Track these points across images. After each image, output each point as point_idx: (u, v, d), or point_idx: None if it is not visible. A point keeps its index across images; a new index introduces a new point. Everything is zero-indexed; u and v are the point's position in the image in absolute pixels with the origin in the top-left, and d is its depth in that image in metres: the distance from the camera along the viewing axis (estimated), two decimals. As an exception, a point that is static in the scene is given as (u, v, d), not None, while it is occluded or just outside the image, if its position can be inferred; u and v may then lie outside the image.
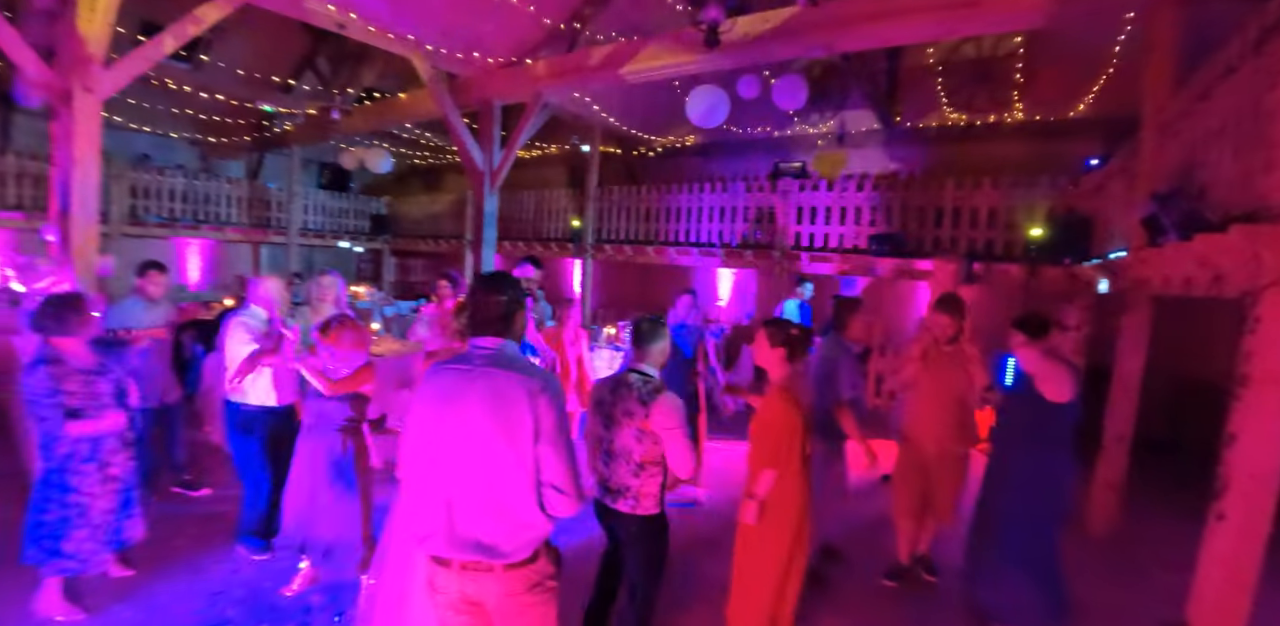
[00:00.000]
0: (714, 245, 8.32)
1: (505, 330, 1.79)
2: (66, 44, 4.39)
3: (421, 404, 1.77)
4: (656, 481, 2.45)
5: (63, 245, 4.20)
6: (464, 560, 1.69)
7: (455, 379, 1.73)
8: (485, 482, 1.67)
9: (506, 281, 1.84)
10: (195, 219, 10.74)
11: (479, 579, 1.69)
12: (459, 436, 1.68)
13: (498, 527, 1.67)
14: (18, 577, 2.91)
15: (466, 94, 7.58)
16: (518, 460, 1.66)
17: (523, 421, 1.65)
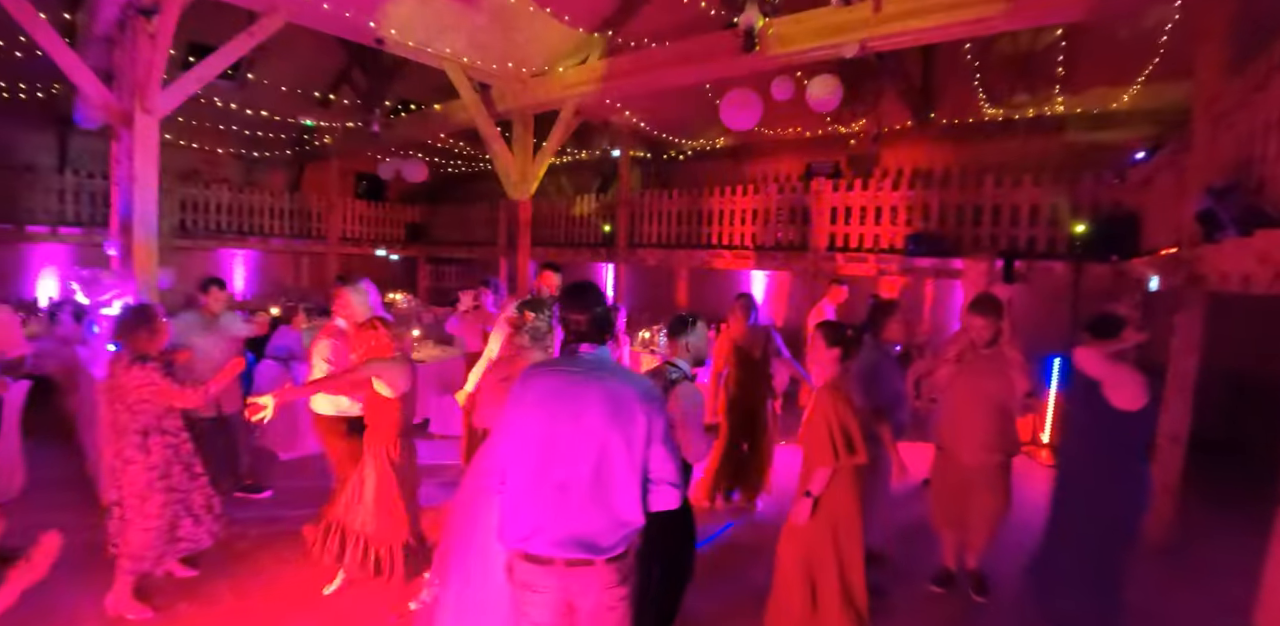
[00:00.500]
0: (746, 247, 8.29)
1: (604, 337, 1.91)
2: (126, 68, 4.62)
3: (527, 406, 1.83)
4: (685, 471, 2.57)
5: (124, 259, 4.41)
6: (569, 557, 1.76)
7: (564, 383, 1.81)
8: (597, 482, 1.75)
9: (599, 292, 1.95)
10: (240, 231, 11.12)
11: (581, 575, 1.76)
12: (574, 438, 1.76)
13: (603, 525, 1.76)
14: (91, 576, 3.08)
15: (500, 103, 7.72)
16: (630, 460, 1.76)
17: (638, 424, 1.76)
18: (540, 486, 1.78)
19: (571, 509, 1.76)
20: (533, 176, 7.68)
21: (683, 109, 9.10)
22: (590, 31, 7.13)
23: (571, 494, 1.75)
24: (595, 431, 1.76)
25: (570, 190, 11.71)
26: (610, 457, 1.76)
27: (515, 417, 1.85)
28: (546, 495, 1.77)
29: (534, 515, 1.78)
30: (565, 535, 1.75)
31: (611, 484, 1.77)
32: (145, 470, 2.87)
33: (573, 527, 1.76)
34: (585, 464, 1.75)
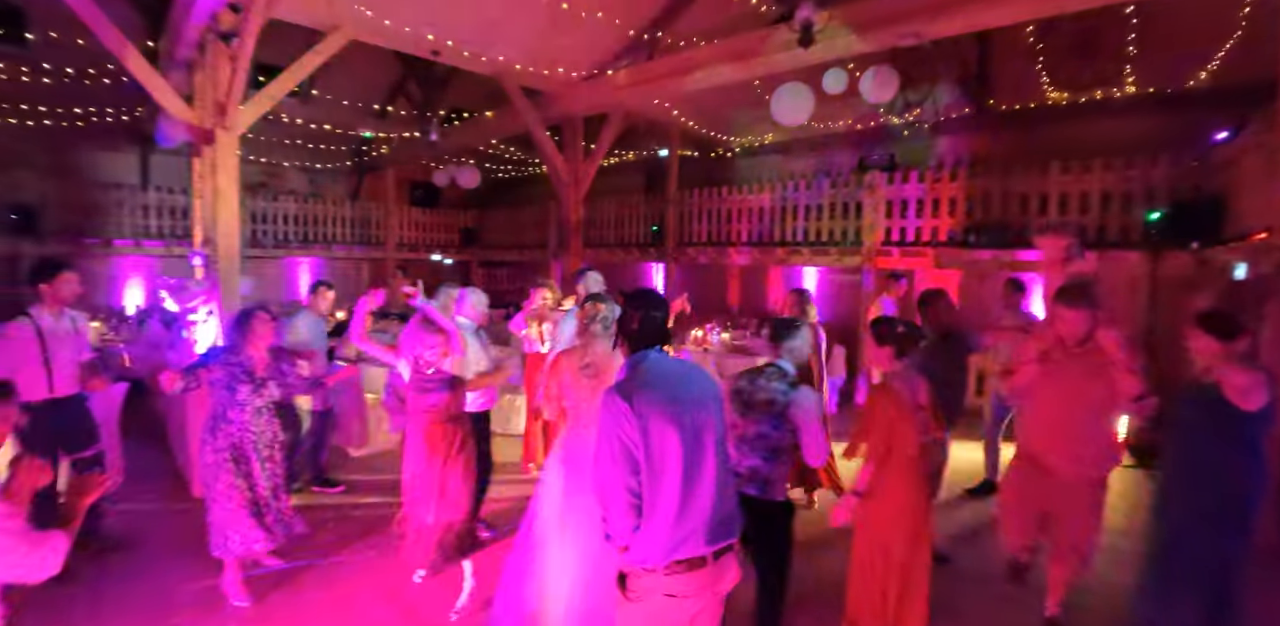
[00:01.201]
0: (799, 244, 8.19)
1: (668, 338, 1.95)
2: (206, 89, 4.91)
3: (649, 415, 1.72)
4: (785, 468, 2.61)
5: (208, 268, 4.70)
6: (717, 548, 1.79)
7: (670, 386, 1.82)
8: (716, 476, 1.81)
9: (655, 295, 2.00)
10: (305, 239, 11.65)
11: (726, 566, 1.82)
12: (692, 439, 1.77)
13: (725, 515, 1.82)
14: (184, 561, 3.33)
15: (550, 108, 7.86)
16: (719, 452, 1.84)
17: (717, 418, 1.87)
18: (683, 498, 1.73)
19: (710, 506, 1.78)
20: (583, 179, 7.80)
21: (731, 106, 9.06)
22: (639, 33, 7.18)
23: (709, 492, 1.79)
24: (708, 432, 1.82)
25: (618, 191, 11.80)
26: (715, 453, 1.84)
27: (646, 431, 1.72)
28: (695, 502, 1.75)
29: (682, 525, 1.72)
30: (712, 530, 1.78)
31: (720, 478, 1.84)
32: (213, 453, 3.07)
33: (714, 520, 1.79)
34: (706, 462, 1.80)
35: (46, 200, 9.18)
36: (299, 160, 12.57)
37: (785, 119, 5.70)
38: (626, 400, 1.71)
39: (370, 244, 12.53)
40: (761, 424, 2.56)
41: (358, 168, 13.38)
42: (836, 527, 2.71)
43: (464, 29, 6.34)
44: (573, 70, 7.45)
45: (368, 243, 12.50)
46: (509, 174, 13.86)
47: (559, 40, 6.91)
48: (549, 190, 10.68)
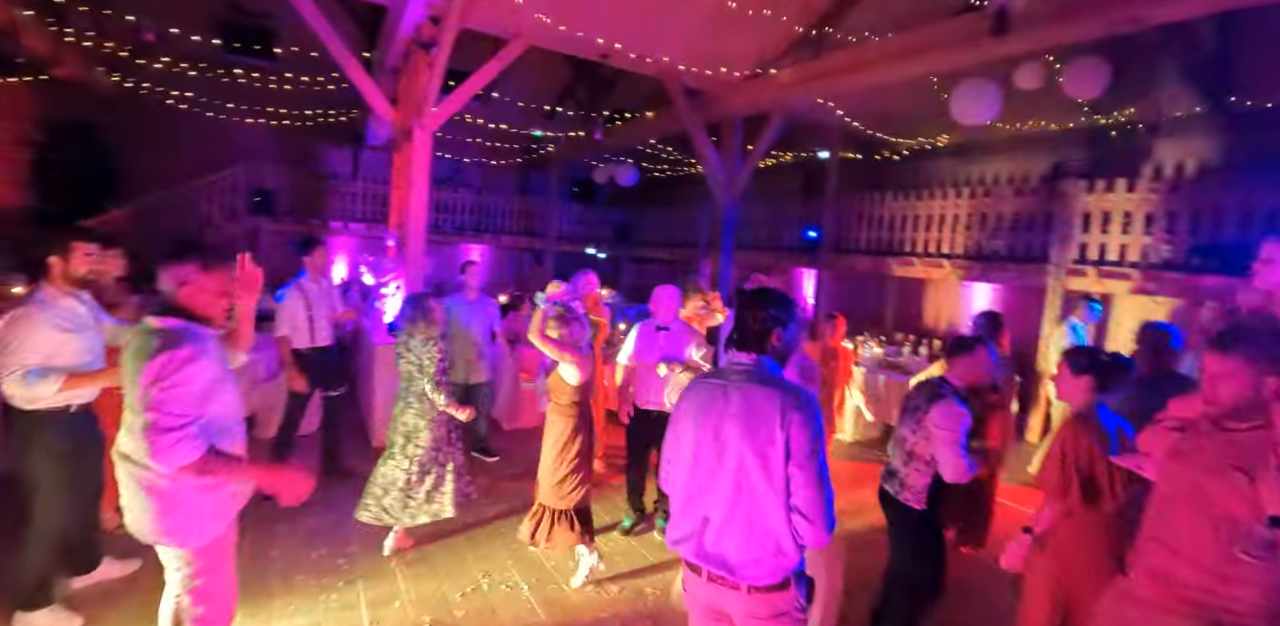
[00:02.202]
0: (970, 257, 7.48)
1: (763, 346, 1.75)
2: (408, 92, 5.53)
3: (678, 414, 1.82)
4: (923, 478, 2.57)
5: (399, 249, 5.30)
6: (711, 572, 1.70)
7: (710, 392, 1.74)
8: (737, 501, 1.66)
9: (769, 298, 1.78)
10: (477, 229, 12.73)
11: (725, 594, 1.69)
12: (713, 451, 1.69)
13: (746, 548, 1.65)
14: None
15: (710, 108, 7.87)
16: (769, 480, 1.62)
17: (774, 440, 1.61)
18: (687, 500, 1.74)
19: (714, 527, 1.68)
20: (740, 180, 7.73)
21: (902, 105, 8.49)
22: (808, 29, 6.96)
23: (715, 509, 1.68)
24: (731, 445, 1.66)
25: (773, 193, 11.57)
26: (748, 476, 1.64)
27: (671, 424, 1.84)
28: (693, 509, 1.73)
29: (685, 522, 1.75)
30: (709, 551, 1.69)
31: (753, 505, 1.64)
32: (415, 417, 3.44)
33: (715, 545, 1.68)
34: (724, 480, 1.67)
35: (281, 186, 10.86)
36: (476, 157, 13.75)
37: (967, 119, 5.22)
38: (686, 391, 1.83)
39: (532, 235, 13.40)
40: (904, 427, 2.67)
41: (525, 165, 14.37)
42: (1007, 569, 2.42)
43: (632, 32, 6.54)
44: (735, 70, 7.40)
45: (530, 234, 13.38)
46: (664, 173, 14.12)
47: (724, 40, 6.89)
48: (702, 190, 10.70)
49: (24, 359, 2.46)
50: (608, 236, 14.29)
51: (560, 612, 3.03)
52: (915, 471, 2.59)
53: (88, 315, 2.72)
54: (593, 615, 3.03)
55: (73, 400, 2.64)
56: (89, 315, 2.73)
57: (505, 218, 13.11)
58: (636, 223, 14.34)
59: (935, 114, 8.10)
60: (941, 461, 2.49)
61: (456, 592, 3.16)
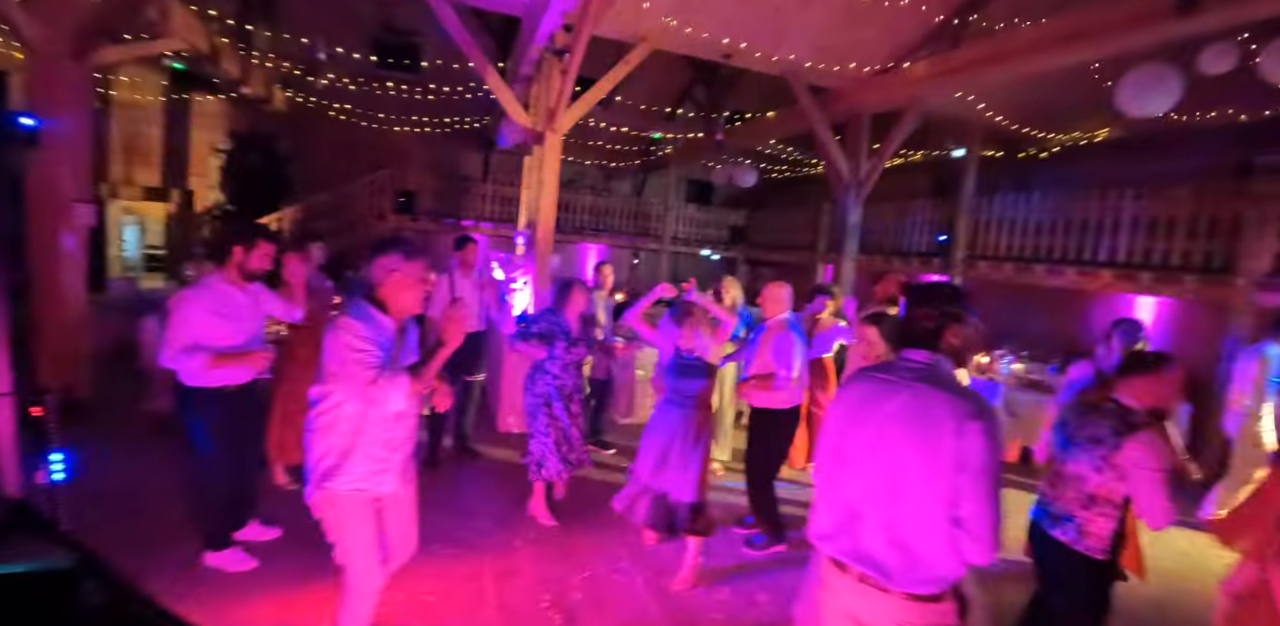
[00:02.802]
0: (1137, 266, 6.64)
1: (937, 344, 1.65)
2: (539, 98, 5.81)
3: (837, 406, 1.77)
4: (1108, 524, 2.19)
5: (529, 246, 5.59)
6: (861, 572, 1.61)
7: (875, 388, 1.65)
8: (892, 504, 1.57)
9: (941, 294, 1.68)
10: (596, 229, 13.12)
11: (872, 598, 1.59)
12: (871, 449, 1.61)
13: (898, 555, 1.56)
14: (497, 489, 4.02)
15: (836, 106, 7.62)
16: (931, 488, 1.52)
17: (944, 446, 1.50)
18: (834, 494, 1.69)
19: (867, 525, 1.59)
20: (866, 180, 7.42)
21: (1054, 97, 7.75)
22: (947, 18, 6.56)
23: (868, 509, 1.60)
24: (891, 446, 1.56)
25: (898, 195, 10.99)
26: (907, 480, 1.54)
27: (828, 418, 1.78)
28: (839, 504, 1.66)
29: (833, 518, 1.68)
30: (860, 550, 1.61)
31: (908, 511, 1.55)
32: (531, 397, 3.76)
33: (867, 545, 1.60)
34: (880, 480, 1.58)
35: (421, 188, 11.78)
36: (597, 159, 14.18)
37: (1136, 110, 4.68)
38: (845, 382, 1.80)
39: (648, 236, 13.62)
40: (1079, 463, 2.23)
41: (643, 167, 14.61)
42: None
43: (757, 31, 6.46)
44: (865, 65, 7.11)
45: (646, 235, 13.60)
46: (782, 174, 13.84)
47: (853, 34, 6.63)
48: (822, 191, 10.34)
49: (181, 336, 2.78)
50: (722, 238, 14.22)
51: (672, 608, 3.06)
52: (1100, 516, 2.20)
53: (247, 305, 2.99)
54: (706, 616, 3.03)
55: (229, 381, 2.94)
56: (249, 305, 3.01)
57: (622, 218, 13.41)
58: (752, 224, 14.15)
59: (1094, 105, 7.34)
60: (1144, 507, 2.09)
61: (574, 577, 3.28)
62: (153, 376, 5.19)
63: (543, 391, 3.76)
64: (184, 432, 3.02)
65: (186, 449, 3.07)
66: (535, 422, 3.77)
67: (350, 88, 11.16)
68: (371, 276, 2.14)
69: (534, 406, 3.77)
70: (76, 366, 4.99)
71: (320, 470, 2.13)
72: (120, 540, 3.16)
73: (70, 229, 4.81)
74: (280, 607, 2.79)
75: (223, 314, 2.88)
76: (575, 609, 2.99)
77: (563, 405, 3.78)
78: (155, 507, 3.57)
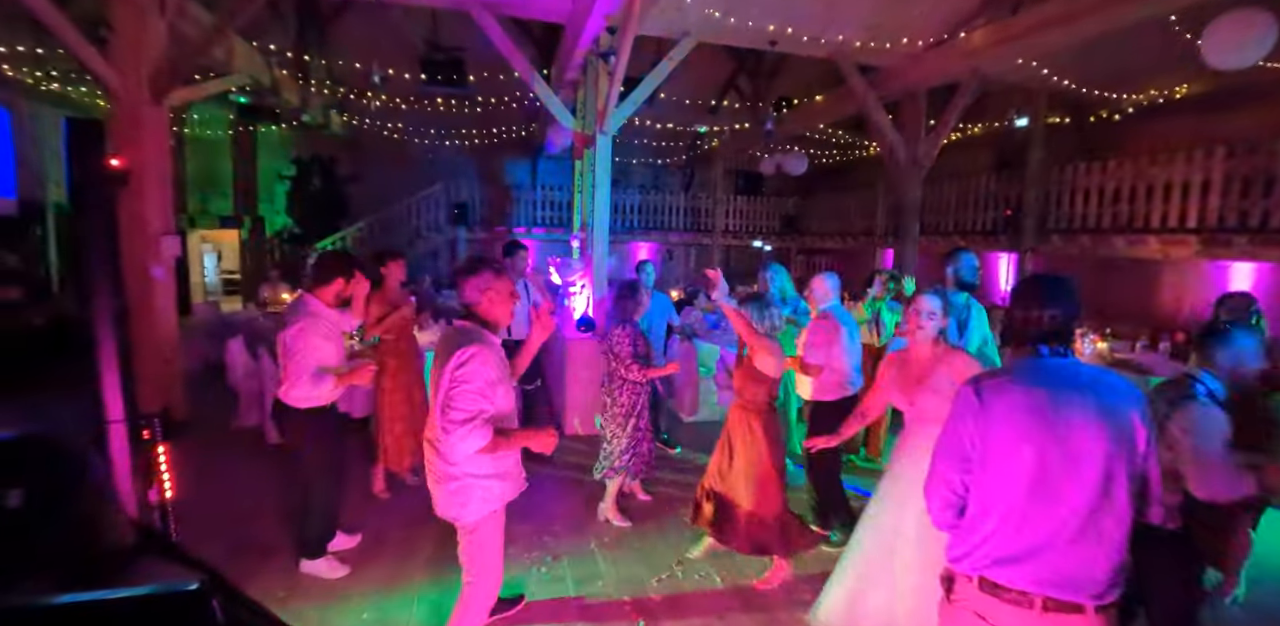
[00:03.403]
0: (1229, 230, 6.17)
1: (1069, 342, 1.63)
2: (587, 101, 5.83)
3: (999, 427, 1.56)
4: (1174, 497, 2.10)
5: (584, 249, 5.62)
6: (1051, 597, 1.47)
7: (1045, 400, 1.52)
8: (1097, 512, 1.49)
9: (1063, 289, 1.63)
10: (646, 226, 13.13)
11: (1061, 622, 1.47)
12: (1067, 464, 1.49)
13: (1100, 562, 1.48)
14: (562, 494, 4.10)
15: (888, 84, 7.35)
16: (1131, 485, 1.50)
17: (1139, 441, 1.51)
18: (1025, 519, 1.52)
19: (1063, 548, 1.48)
20: (924, 158, 7.13)
21: (1126, 54, 7.24)
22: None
23: (1064, 531, 1.48)
24: (1094, 455, 1.47)
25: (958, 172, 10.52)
26: (1114, 483, 1.48)
27: (978, 440, 1.58)
28: (1033, 529, 1.51)
29: (1011, 544, 1.52)
30: (1055, 572, 1.48)
31: (1111, 514, 1.49)
32: (615, 406, 3.76)
33: (1064, 564, 1.48)
34: (1083, 492, 1.48)
35: (474, 199, 12.06)
36: (643, 157, 14.17)
37: (1225, 60, 4.31)
38: (976, 393, 1.58)
39: (699, 231, 13.53)
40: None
41: (690, 161, 14.50)
42: None
43: (802, 14, 6.28)
44: (918, 39, 6.81)
45: (697, 230, 13.52)
46: (832, 159, 13.48)
47: (903, 8, 6.36)
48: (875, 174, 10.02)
49: (309, 365, 2.93)
50: (774, 228, 13.99)
51: (753, 608, 3.02)
52: (1165, 492, 2.12)
53: (338, 324, 3.20)
54: (790, 615, 2.97)
55: (329, 399, 3.11)
56: (338, 325, 3.22)
57: (671, 214, 13.37)
58: (804, 213, 13.86)
59: (1173, 60, 6.82)
60: (1189, 474, 2.06)
61: (652, 577, 3.27)
62: (239, 394, 5.50)
63: (625, 403, 3.75)
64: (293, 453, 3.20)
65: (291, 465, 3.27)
66: (616, 432, 3.77)
67: (402, 107, 11.52)
68: (466, 298, 2.23)
69: (617, 416, 3.77)
70: (172, 388, 5.33)
71: None
72: (226, 552, 3.37)
73: (159, 260, 5.14)
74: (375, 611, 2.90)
75: (327, 337, 3.06)
76: (655, 609, 2.99)
77: (639, 416, 3.78)
78: (249, 521, 3.77)
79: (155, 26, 4.99)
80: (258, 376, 5.23)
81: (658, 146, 13.67)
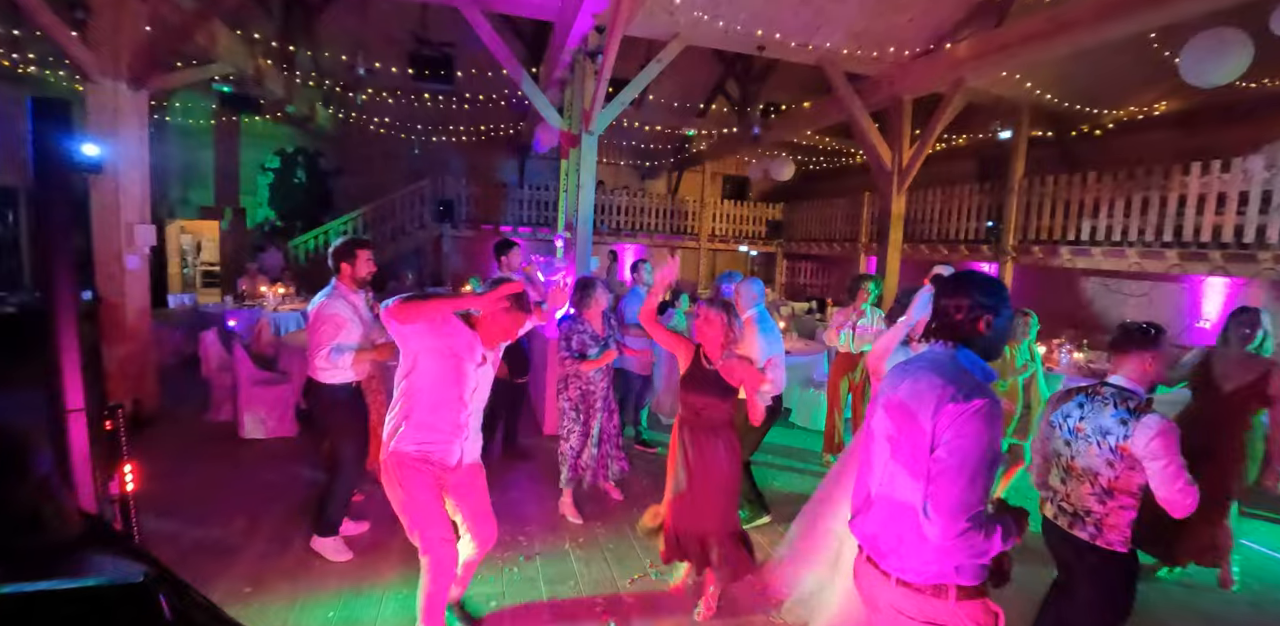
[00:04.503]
0: (1205, 246, 6.28)
1: (962, 335, 1.63)
2: (573, 101, 5.81)
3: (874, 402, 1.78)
4: (1128, 515, 2.09)
5: (567, 248, 5.60)
6: (868, 554, 1.70)
7: (892, 377, 1.70)
8: (890, 488, 1.62)
9: (975, 282, 1.63)
10: (632, 228, 13.11)
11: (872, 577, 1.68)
12: (879, 435, 1.67)
13: (893, 539, 1.61)
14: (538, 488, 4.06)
15: (875, 93, 7.41)
16: (913, 473, 1.54)
17: (922, 428, 1.51)
18: (860, 480, 1.77)
19: (871, 515, 1.68)
20: (909, 167, 7.20)
21: (1108, 71, 7.39)
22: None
23: (872, 500, 1.69)
24: (885, 436, 1.63)
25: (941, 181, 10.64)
26: (900, 469, 1.58)
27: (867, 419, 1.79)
28: (861, 489, 1.76)
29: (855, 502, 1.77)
30: (868, 535, 1.69)
31: (902, 498, 1.58)
32: (563, 401, 3.84)
33: (873, 533, 1.67)
34: (880, 468, 1.65)
35: (460, 196, 11.98)
36: (630, 159, 14.17)
37: (1203, 78, 4.41)
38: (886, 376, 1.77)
39: (684, 234, 13.54)
40: (1088, 456, 2.13)
41: (677, 165, 14.53)
42: None
43: (789, 20, 6.31)
44: (904, 48, 6.88)
45: (682, 233, 13.54)
46: (820, 165, 13.58)
47: (890, 17, 6.42)
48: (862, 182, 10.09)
49: (331, 338, 3.12)
50: (759, 233, 14.05)
51: (728, 613, 3.00)
52: (1119, 508, 2.09)
53: (364, 309, 3.36)
54: (763, 617, 2.97)
55: (354, 377, 3.30)
56: (365, 309, 3.36)
57: (657, 217, 13.37)
58: (791, 218, 13.94)
59: (1153, 77, 6.97)
60: (1169, 499, 1.96)
61: (625, 579, 3.25)
62: (212, 388, 5.40)
63: (573, 396, 3.83)
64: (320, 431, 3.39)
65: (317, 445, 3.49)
66: (566, 426, 3.85)
67: (389, 102, 11.42)
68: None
69: (562, 410, 3.86)
70: (144, 380, 5.22)
71: None
72: (191, 547, 3.30)
73: (133, 249, 5.03)
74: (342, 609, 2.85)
75: (352, 318, 3.22)
76: (628, 610, 2.97)
77: (598, 408, 3.82)
78: (216, 515, 3.69)
79: (135, 9, 4.89)
80: (231, 369, 5.14)
81: (645, 148, 13.68)
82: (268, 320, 6.89)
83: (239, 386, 4.92)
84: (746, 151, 12.36)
